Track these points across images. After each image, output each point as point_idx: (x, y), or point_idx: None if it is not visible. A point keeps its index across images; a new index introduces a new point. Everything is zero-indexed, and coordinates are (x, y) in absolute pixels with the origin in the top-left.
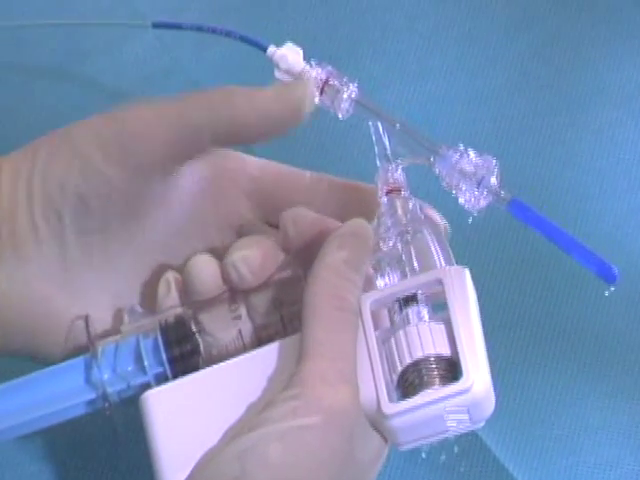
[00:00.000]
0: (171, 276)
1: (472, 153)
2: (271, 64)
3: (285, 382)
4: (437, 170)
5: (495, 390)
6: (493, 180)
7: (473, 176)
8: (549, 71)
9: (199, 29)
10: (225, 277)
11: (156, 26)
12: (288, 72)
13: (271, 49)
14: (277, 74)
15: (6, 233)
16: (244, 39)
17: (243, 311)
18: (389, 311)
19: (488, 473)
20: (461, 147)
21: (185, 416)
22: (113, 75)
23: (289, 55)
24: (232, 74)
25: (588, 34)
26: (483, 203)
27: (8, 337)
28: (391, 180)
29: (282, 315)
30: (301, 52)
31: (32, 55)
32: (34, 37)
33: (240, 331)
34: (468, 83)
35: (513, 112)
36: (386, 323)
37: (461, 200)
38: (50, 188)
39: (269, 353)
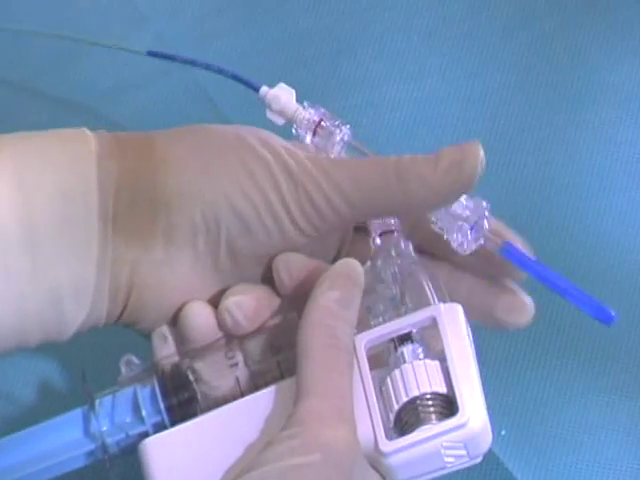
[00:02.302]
0: (166, 328)
1: (462, 198)
2: (271, 67)
3: (283, 423)
4: (430, 213)
5: (494, 388)
6: (485, 224)
7: (466, 220)
8: (548, 69)
9: (192, 63)
10: (220, 323)
11: (151, 54)
12: (280, 113)
13: (263, 89)
14: (269, 115)
15: (164, 223)
16: (236, 78)
17: (240, 358)
18: (384, 351)
19: (487, 471)
20: None
21: (184, 462)
22: (113, 73)
23: (282, 96)
24: None
25: (587, 33)
26: (475, 246)
27: (140, 314)
28: (383, 222)
29: (279, 361)
30: (294, 93)
31: (30, 52)
32: (33, 34)
33: (237, 378)
34: (467, 81)
35: (512, 110)
36: (382, 364)
37: (453, 243)
38: (217, 195)
39: (266, 396)
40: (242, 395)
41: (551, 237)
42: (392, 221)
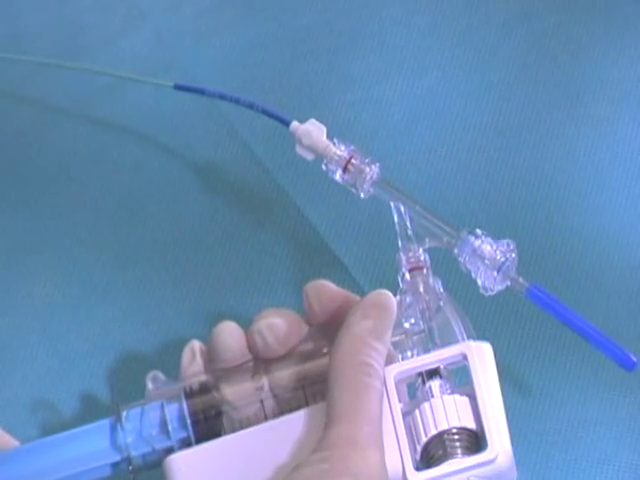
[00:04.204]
0: (196, 344)
1: (489, 238)
2: (270, 63)
3: (312, 447)
4: (457, 253)
5: None
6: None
7: (493, 261)
8: (547, 65)
9: (222, 97)
10: (250, 344)
11: (178, 88)
12: (311, 148)
13: (294, 125)
14: (298, 149)
15: None
16: (266, 112)
17: (265, 382)
18: (410, 385)
19: None
20: (479, 231)
21: None
22: (111, 70)
23: (313, 132)
24: (230, 70)
25: (586, 29)
26: (500, 287)
27: None
28: (413, 259)
29: (304, 386)
30: (324, 129)
31: (31, 48)
32: (33, 31)
33: (262, 402)
34: (466, 77)
35: (511, 106)
36: (406, 397)
37: (479, 282)
38: None
39: (294, 420)
40: (266, 418)
41: (550, 233)
42: (422, 257)
